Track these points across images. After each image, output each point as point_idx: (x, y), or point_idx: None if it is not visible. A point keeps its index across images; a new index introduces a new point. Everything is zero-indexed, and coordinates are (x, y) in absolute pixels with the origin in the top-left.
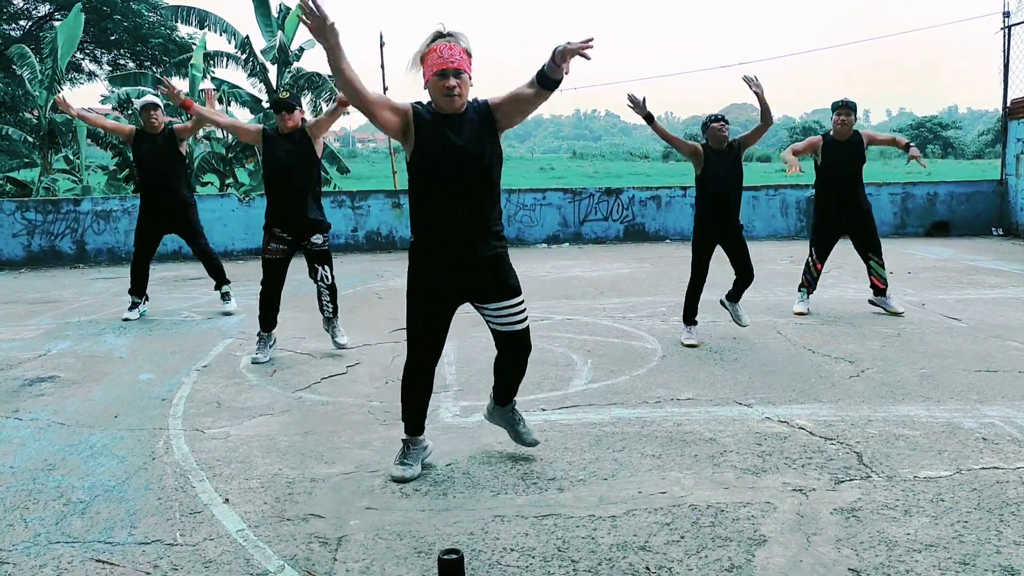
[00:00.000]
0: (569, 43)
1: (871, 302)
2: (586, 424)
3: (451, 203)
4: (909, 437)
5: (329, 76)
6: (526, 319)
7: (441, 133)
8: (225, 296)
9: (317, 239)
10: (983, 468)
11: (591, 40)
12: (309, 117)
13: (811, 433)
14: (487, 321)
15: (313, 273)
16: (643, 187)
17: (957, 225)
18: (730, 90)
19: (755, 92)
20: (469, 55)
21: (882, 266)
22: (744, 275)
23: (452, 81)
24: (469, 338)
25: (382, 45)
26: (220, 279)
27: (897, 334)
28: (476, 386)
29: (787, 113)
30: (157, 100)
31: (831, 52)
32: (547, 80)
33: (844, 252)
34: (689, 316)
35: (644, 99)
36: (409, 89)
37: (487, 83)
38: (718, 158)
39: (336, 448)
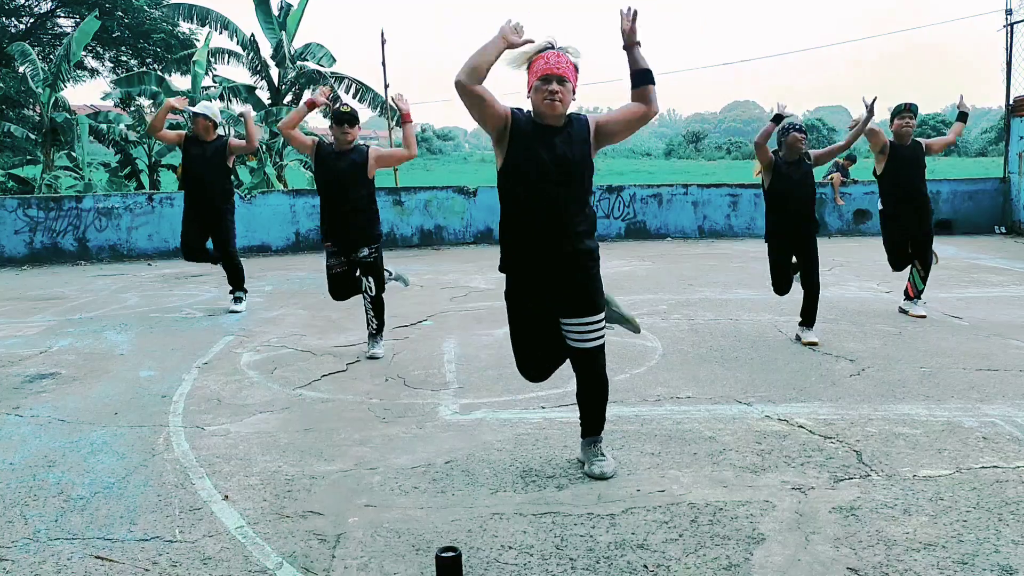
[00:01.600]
0: (624, 24)
1: (901, 309)
2: None
3: (539, 208)
4: (909, 436)
5: (331, 73)
6: (602, 337)
7: (537, 144)
8: (237, 299)
9: (363, 251)
10: (983, 467)
11: (630, 11)
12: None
13: (811, 432)
14: (564, 335)
15: (358, 283)
16: (644, 184)
17: (960, 223)
18: (732, 87)
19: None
20: (576, 68)
21: (923, 280)
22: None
23: (555, 86)
24: (470, 336)
25: (383, 42)
26: (237, 285)
27: (898, 332)
28: (476, 384)
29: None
30: (207, 112)
31: (834, 49)
32: (636, 75)
33: (846, 250)
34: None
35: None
36: (410, 90)
37: (488, 84)
38: (789, 168)
39: (335, 445)
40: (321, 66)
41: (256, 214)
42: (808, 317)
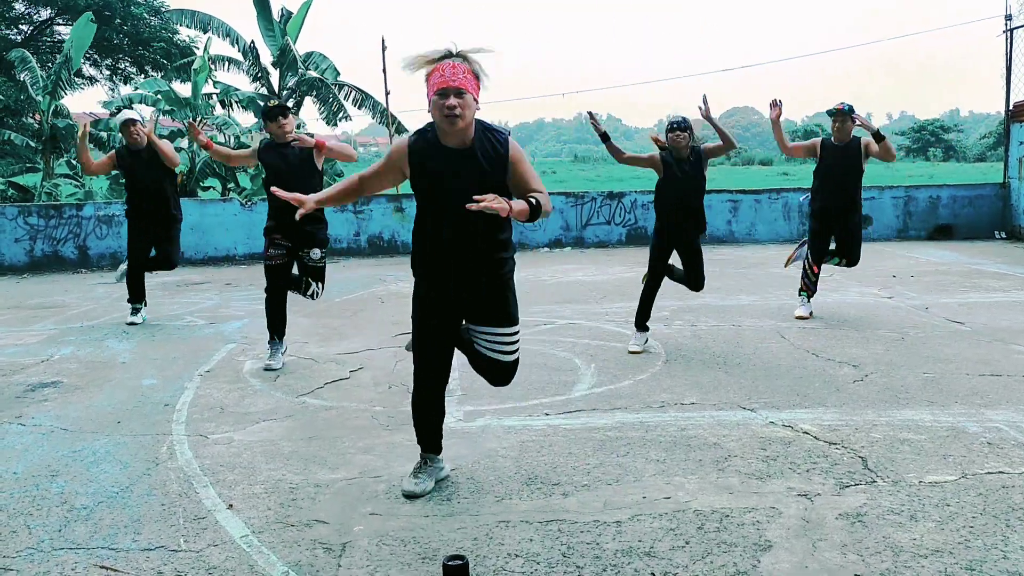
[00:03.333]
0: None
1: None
2: (590, 429)
3: (449, 230)
4: (914, 442)
5: (334, 83)
6: (516, 352)
7: (437, 169)
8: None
9: (315, 253)
10: (988, 473)
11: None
12: (310, 134)
13: (815, 438)
14: (475, 342)
15: (305, 286)
16: (645, 191)
17: (960, 228)
18: (731, 93)
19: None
20: (476, 76)
21: (831, 264)
22: (694, 282)
23: (452, 100)
24: None
25: (384, 49)
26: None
27: (900, 338)
28: (479, 391)
29: (788, 116)
30: (134, 115)
31: (832, 55)
32: (534, 215)
33: None
34: (641, 321)
35: (592, 114)
36: (410, 86)
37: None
38: (679, 165)
39: (340, 453)
40: (325, 79)
41: (256, 221)
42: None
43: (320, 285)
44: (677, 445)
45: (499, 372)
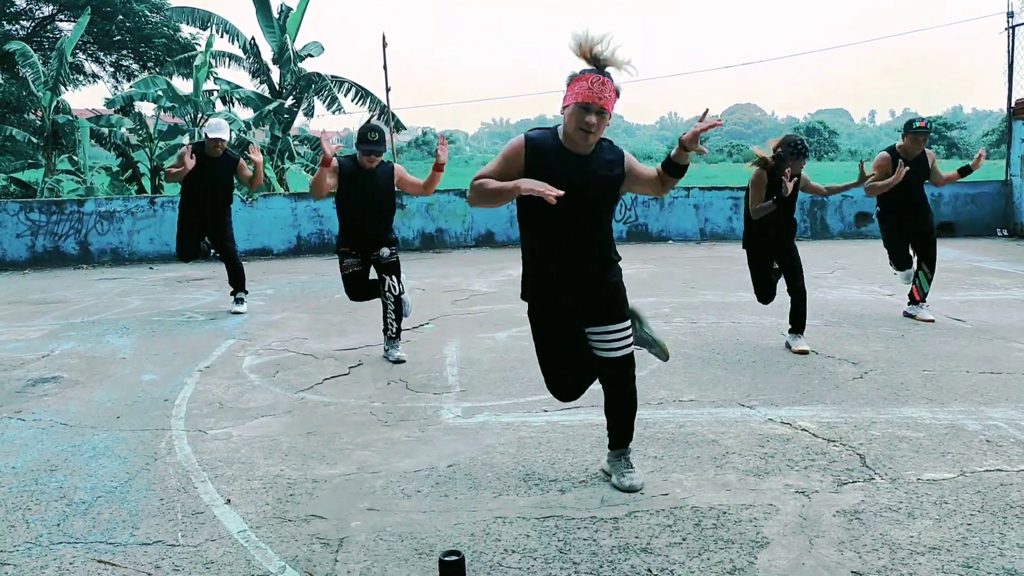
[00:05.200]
0: (696, 127)
1: (905, 313)
2: (588, 425)
3: (560, 234)
4: (912, 439)
5: (332, 77)
6: (629, 346)
7: (562, 169)
8: (239, 300)
9: (384, 252)
10: (987, 470)
11: (718, 118)
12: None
13: (814, 435)
14: (592, 348)
15: (381, 283)
16: None
17: (962, 226)
18: (734, 90)
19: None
20: (618, 95)
21: (928, 281)
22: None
23: (593, 119)
24: (472, 339)
25: (384, 45)
26: (238, 286)
27: (901, 336)
28: (478, 388)
29: (791, 114)
30: (224, 135)
31: (836, 52)
32: (674, 167)
33: (848, 252)
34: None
35: None
36: (410, 84)
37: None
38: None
39: (338, 449)
40: (311, 55)
41: (257, 217)
42: (797, 324)
43: (395, 279)
44: (675, 442)
45: (615, 368)
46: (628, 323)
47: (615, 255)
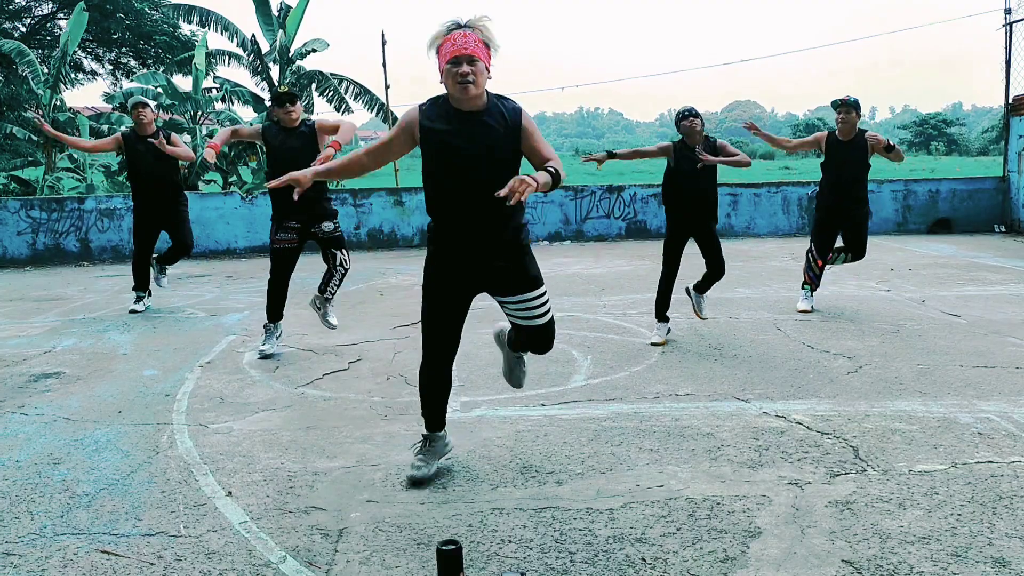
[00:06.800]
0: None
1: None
2: (585, 419)
3: (464, 197)
4: (905, 432)
5: (331, 74)
6: (548, 311)
7: (456, 134)
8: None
9: (327, 225)
10: (978, 462)
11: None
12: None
13: (808, 428)
14: (507, 315)
15: (331, 258)
16: (645, 184)
17: (959, 222)
18: (733, 86)
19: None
20: (487, 45)
21: (846, 261)
22: (715, 270)
23: (465, 68)
24: (470, 334)
25: (384, 43)
26: (165, 261)
27: (896, 330)
28: (476, 382)
29: (791, 110)
30: (146, 98)
31: (835, 48)
32: (553, 177)
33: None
34: (660, 312)
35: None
36: (408, 87)
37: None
38: (690, 154)
39: (337, 443)
40: (315, 50)
41: (257, 214)
42: (703, 287)
43: (345, 252)
44: (671, 435)
45: (538, 337)
46: (544, 288)
47: (523, 218)
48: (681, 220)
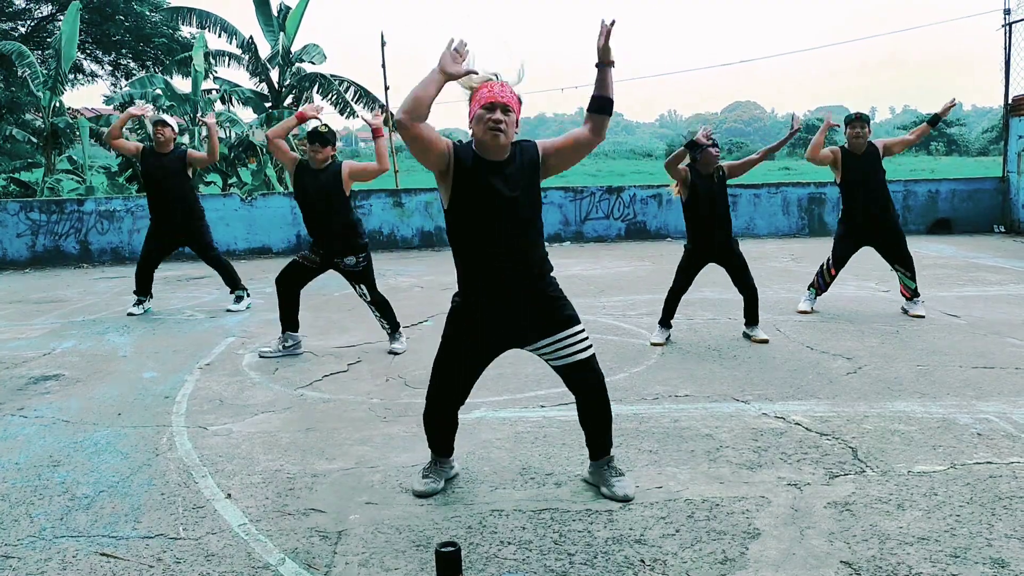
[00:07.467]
0: (602, 35)
1: (903, 309)
2: None
3: (493, 248)
4: (904, 433)
5: (332, 76)
6: (589, 347)
7: (481, 181)
8: (238, 298)
9: (349, 260)
10: (977, 463)
11: (612, 22)
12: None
13: (807, 429)
14: (549, 363)
15: (358, 292)
16: (645, 185)
17: (959, 222)
18: (734, 88)
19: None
20: (519, 101)
21: (909, 277)
22: (747, 292)
23: (499, 115)
24: None
25: (383, 44)
26: (234, 285)
27: (896, 331)
28: (476, 384)
29: (791, 110)
30: (167, 118)
31: (835, 48)
32: (596, 102)
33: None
34: (664, 320)
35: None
36: (410, 81)
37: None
38: (704, 182)
39: (337, 445)
40: (313, 63)
41: (257, 216)
42: (751, 317)
43: (364, 287)
44: (670, 436)
45: (587, 372)
46: (583, 327)
47: (549, 266)
48: (703, 245)
